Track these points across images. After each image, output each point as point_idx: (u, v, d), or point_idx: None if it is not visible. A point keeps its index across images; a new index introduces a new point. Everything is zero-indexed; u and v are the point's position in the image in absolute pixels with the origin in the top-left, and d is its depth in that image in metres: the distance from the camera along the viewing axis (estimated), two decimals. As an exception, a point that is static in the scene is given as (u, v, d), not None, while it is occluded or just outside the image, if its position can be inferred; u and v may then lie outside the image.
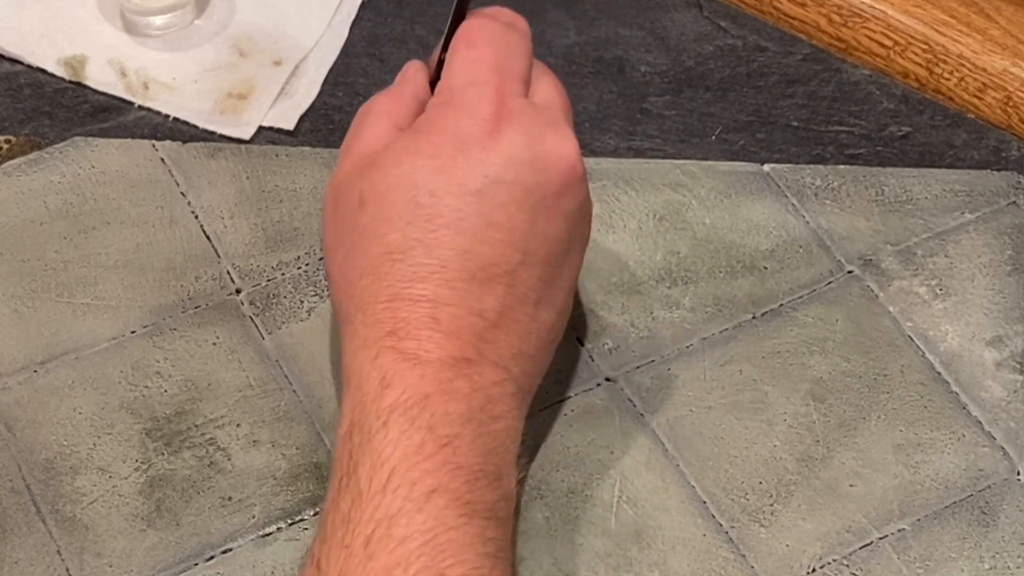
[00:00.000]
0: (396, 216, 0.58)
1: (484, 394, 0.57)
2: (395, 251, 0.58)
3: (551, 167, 0.59)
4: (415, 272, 0.57)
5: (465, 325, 0.57)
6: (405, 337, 0.56)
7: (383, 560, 0.52)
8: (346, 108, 0.76)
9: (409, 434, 0.54)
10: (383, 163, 0.59)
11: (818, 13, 0.79)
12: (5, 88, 0.76)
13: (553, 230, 0.59)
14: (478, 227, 0.58)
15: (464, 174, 0.58)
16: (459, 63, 0.60)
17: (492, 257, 0.58)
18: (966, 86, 0.76)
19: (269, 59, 0.77)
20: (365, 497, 0.53)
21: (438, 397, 0.55)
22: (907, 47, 0.77)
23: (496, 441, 0.57)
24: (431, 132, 0.59)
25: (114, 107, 0.75)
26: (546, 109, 0.61)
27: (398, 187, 0.58)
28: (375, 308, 0.57)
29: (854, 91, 0.78)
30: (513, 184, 0.58)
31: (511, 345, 0.58)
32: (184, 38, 0.78)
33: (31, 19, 0.78)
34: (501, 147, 0.58)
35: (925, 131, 0.76)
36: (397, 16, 0.80)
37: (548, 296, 0.60)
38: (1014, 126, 0.76)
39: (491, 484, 0.55)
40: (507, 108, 0.59)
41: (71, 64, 0.76)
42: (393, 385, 0.55)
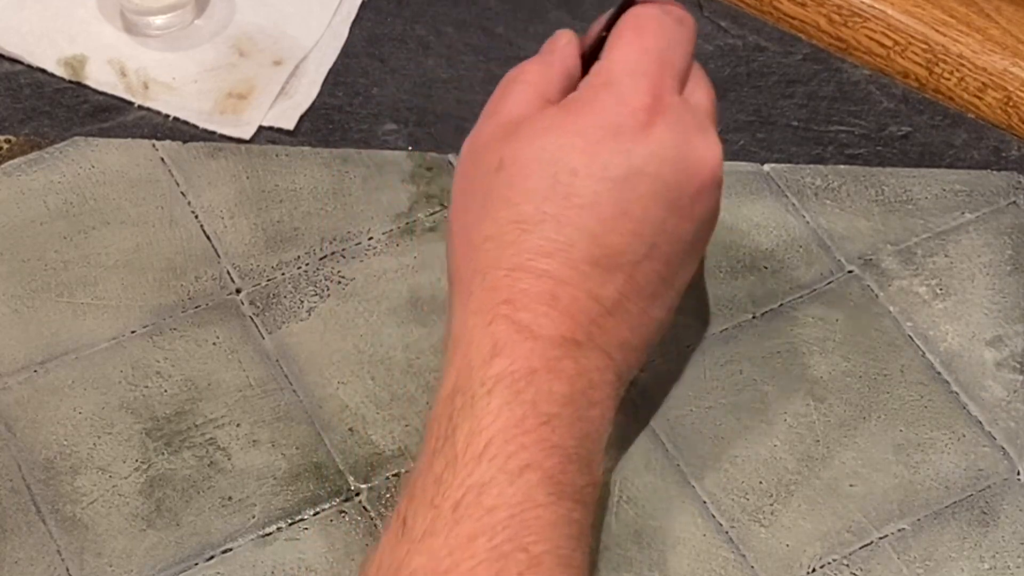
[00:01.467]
0: (533, 187, 0.58)
1: (587, 378, 0.57)
2: (526, 221, 0.58)
3: (693, 169, 0.59)
4: (542, 246, 0.57)
5: (581, 307, 0.57)
6: (521, 308, 0.56)
7: (469, 527, 0.52)
8: (346, 108, 0.76)
9: (512, 406, 0.55)
10: (529, 132, 0.59)
11: (818, 13, 0.79)
12: (5, 88, 0.76)
13: (681, 231, 0.60)
14: (612, 214, 0.58)
15: (608, 159, 0.58)
16: (624, 49, 0.60)
17: (619, 246, 0.58)
18: (966, 86, 0.76)
19: (269, 59, 0.77)
20: (460, 462, 0.54)
21: (544, 374, 0.56)
22: (907, 47, 0.77)
23: (592, 426, 0.57)
24: (583, 112, 0.59)
25: (114, 107, 0.75)
26: (698, 111, 0.61)
27: (540, 159, 0.58)
28: (496, 274, 0.57)
29: (854, 91, 0.78)
30: (655, 178, 0.59)
31: (620, 335, 0.59)
32: (184, 38, 0.78)
33: (31, 19, 0.78)
34: (650, 140, 0.59)
35: (925, 131, 0.76)
36: (397, 16, 0.80)
37: (663, 293, 0.60)
38: (1014, 126, 0.76)
39: (582, 468, 0.56)
40: (663, 103, 0.59)
41: (71, 64, 0.76)
42: (503, 354, 0.56)
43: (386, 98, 0.76)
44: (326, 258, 0.70)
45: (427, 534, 0.52)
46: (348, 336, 0.68)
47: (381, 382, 0.66)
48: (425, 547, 0.52)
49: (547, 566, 0.53)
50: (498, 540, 0.52)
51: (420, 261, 0.70)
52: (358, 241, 0.71)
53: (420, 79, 0.77)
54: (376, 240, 0.71)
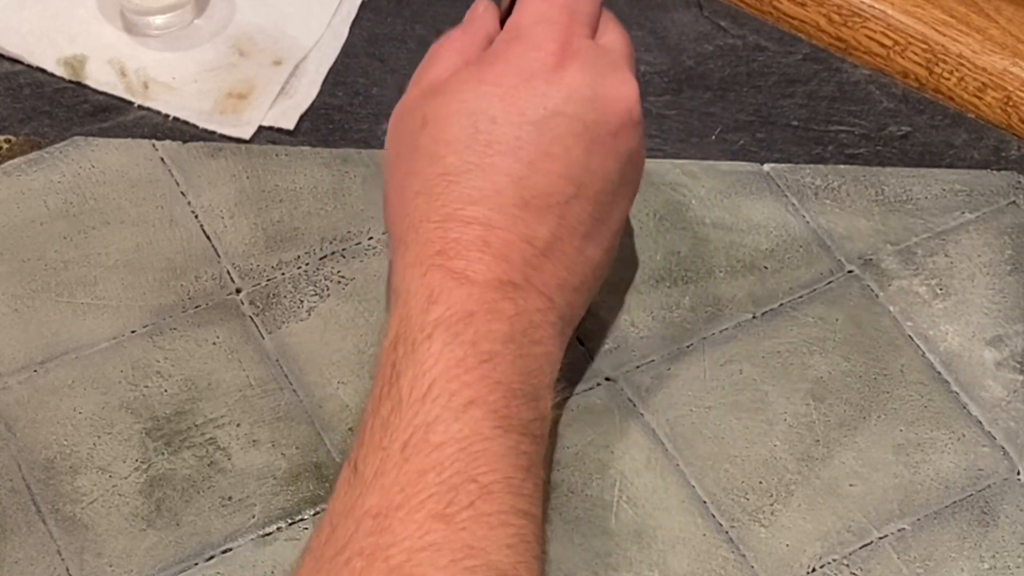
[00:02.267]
0: (455, 139, 0.60)
1: (527, 319, 0.58)
2: (451, 173, 0.59)
3: (610, 106, 0.61)
4: (469, 194, 0.59)
5: (514, 250, 0.59)
6: (454, 257, 0.58)
7: (418, 463, 0.53)
8: (346, 108, 0.76)
9: (452, 348, 0.56)
10: (448, 88, 0.61)
11: (818, 13, 0.79)
12: (5, 88, 0.76)
13: (606, 168, 0.61)
14: (535, 156, 0.59)
15: (525, 104, 0.60)
16: (532, 2, 0.62)
17: (546, 187, 0.59)
18: (966, 86, 0.76)
19: (269, 59, 0.77)
20: (405, 404, 0.55)
21: (482, 316, 0.57)
22: (907, 47, 0.77)
23: (535, 364, 0.58)
24: (496, 63, 0.61)
25: (114, 107, 0.75)
26: (610, 52, 0.63)
27: (460, 112, 0.60)
28: (427, 227, 0.59)
29: (854, 91, 0.78)
30: (572, 118, 0.60)
31: (557, 275, 0.60)
32: (184, 38, 0.78)
33: (31, 19, 0.78)
34: (564, 82, 0.60)
35: (925, 131, 0.76)
36: (397, 16, 0.80)
37: (596, 233, 0.61)
38: (1014, 126, 0.76)
39: (528, 403, 0.57)
40: (573, 46, 0.61)
41: (71, 64, 0.76)
42: (439, 301, 0.57)
43: (386, 98, 0.76)
44: (326, 258, 0.70)
45: (377, 475, 0.53)
46: (348, 336, 0.68)
47: (381, 382, 0.66)
48: (376, 487, 0.53)
49: (498, 494, 0.54)
50: (447, 473, 0.53)
51: (420, 261, 0.70)
52: (358, 241, 0.71)
53: (420, 79, 0.77)
54: (376, 240, 0.71)
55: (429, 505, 0.52)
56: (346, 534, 0.53)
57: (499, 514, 0.53)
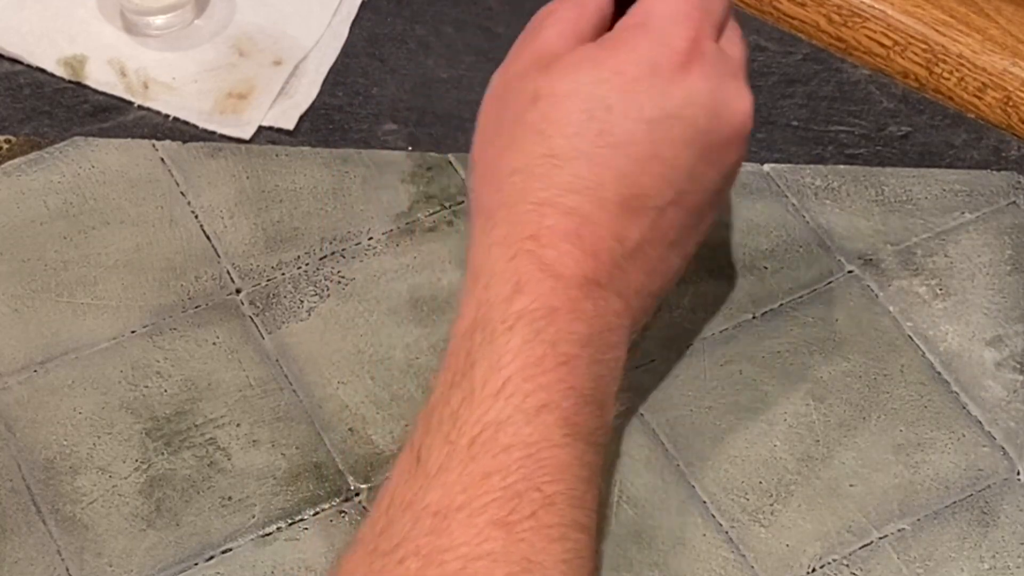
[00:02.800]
0: (567, 122, 0.58)
1: (605, 321, 0.57)
2: (557, 156, 0.57)
3: (726, 117, 0.60)
4: (571, 182, 0.57)
5: (604, 248, 0.57)
6: (547, 245, 0.56)
7: (484, 464, 0.52)
8: (346, 108, 0.76)
9: (532, 345, 0.54)
10: (566, 65, 0.59)
11: (818, 13, 0.79)
12: (5, 88, 0.76)
13: (708, 179, 0.60)
14: (644, 155, 0.58)
15: (644, 99, 0.58)
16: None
17: (648, 188, 0.58)
18: (966, 86, 0.76)
19: (269, 59, 0.77)
20: (477, 398, 0.54)
21: (565, 314, 0.55)
22: (907, 47, 0.77)
23: (607, 370, 0.57)
24: (621, 49, 0.59)
25: (114, 107, 0.75)
26: (733, 60, 0.61)
27: (576, 94, 0.58)
28: (522, 207, 0.57)
29: (854, 91, 0.78)
30: (688, 123, 0.59)
31: (638, 279, 0.59)
32: (184, 38, 0.78)
33: (31, 19, 0.78)
34: (687, 83, 0.59)
35: (925, 131, 0.76)
36: (397, 16, 0.80)
37: (682, 241, 0.61)
38: (1014, 126, 0.76)
39: (595, 411, 0.56)
40: (700, 48, 0.59)
41: (71, 64, 0.76)
42: (525, 292, 0.55)
43: (386, 98, 0.76)
44: (326, 258, 0.70)
45: (442, 469, 0.52)
46: (348, 336, 0.68)
47: (381, 382, 0.66)
48: (439, 482, 0.52)
49: (560, 506, 0.53)
50: (512, 479, 0.52)
51: (420, 261, 0.70)
52: (358, 241, 0.71)
53: (420, 79, 0.77)
54: (376, 240, 0.71)
55: (491, 510, 0.52)
56: (403, 530, 0.52)
57: (559, 527, 0.53)
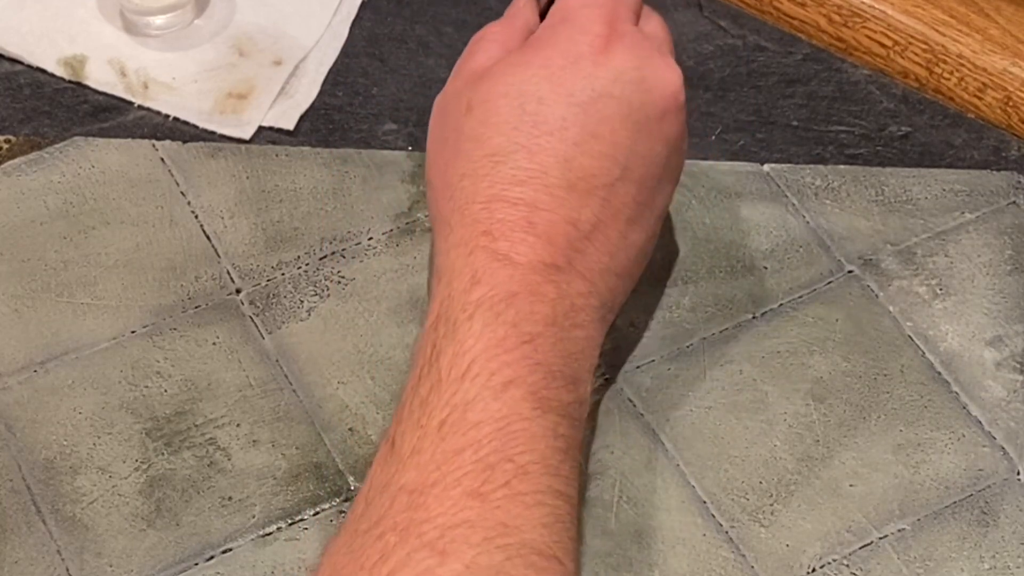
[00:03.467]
0: (502, 121, 0.60)
1: (569, 302, 0.58)
2: (497, 153, 0.60)
3: (656, 90, 0.61)
4: (515, 175, 0.59)
5: (559, 232, 0.59)
6: (499, 238, 0.58)
7: (455, 442, 0.54)
8: (346, 108, 0.76)
9: (493, 328, 0.56)
10: (494, 72, 0.62)
11: (818, 13, 0.79)
12: (5, 88, 0.76)
13: (652, 152, 0.61)
14: (581, 137, 0.60)
15: (572, 85, 0.60)
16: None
17: (592, 168, 0.60)
18: (966, 86, 0.76)
19: (269, 59, 0.77)
20: (444, 383, 0.55)
21: (525, 297, 0.57)
22: (907, 47, 0.77)
23: (576, 347, 0.58)
24: (544, 46, 0.62)
25: (114, 107, 0.75)
26: (654, 38, 0.63)
27: (507, 94, 0.60)
28: (473, 208, 0.59)
29: (854, 91, 0.78)
30: (619, 100, 0.60)
31: (600, 260, 0.60)
32: (184, 38, 0.78)
33: (31, 19, 0.78)
34: (611, 64, 0.61)
35: (925, 131, 0.76)
36: (397, 16, 0.80)
37: (640, 217, 0.62)
38: (1014, 126, 0.76)
39: (567, 385, 0.57)
40: (619, 30, 0.62)
41: (71, 64, 0.76)
42: (483, 282, 0.57)
43: (386, 98, 0.76)
44: (326, 258, 0.70)
45: (414, 452, 0.54)
46: (348, 336, 0.68)
47: (381, 382, 0.66)
48: (413, 463, 0.53)
49: (534, 474, 0.54)
50: (484, 452, 0.53)
51: (420, 261, 0.70)
52: (358, 241, 0.71)
53: (420, 79, 0.77)
54: (376, 240, 0.71)
55: (465, 483, 0.53)
56: (380, 510, 0.53)
57: (535, 494, 0.54)
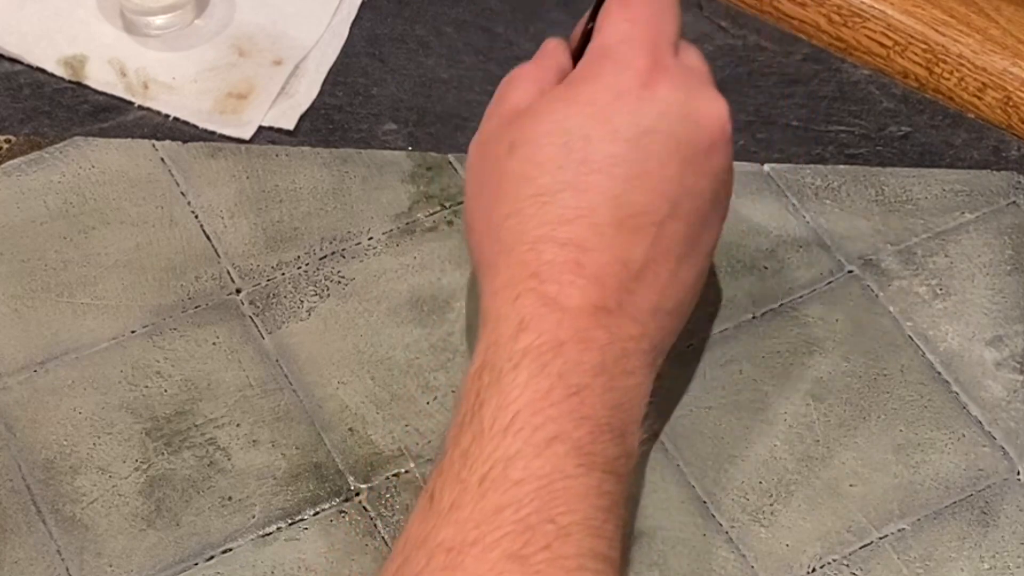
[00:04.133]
0: (547, 159, 0.58)
1: (619, 347, 0.57)
2: (544, 193, 0.58)
3: (703, 123, 0.60)
4: (563, 214, 0.57)
5: (609, 273, 0.57)
6: (547, 280, 0.56)
7: (495, 499, 0.52)
8: (346, 108, 0.76)
9: (539, 379, 0.54)
10: (535, 111, 0.60)
11: (818, 13, 0.79)
12: (5, 88, 0.76)
13: (700, 187, 0.60)
14: (630, 174, 0.58)
15: (618, 121, 0.59)
16: (613, 22, 0.61)
17: (642, 205, 0.58)
18: (966, 86, 0.76)
19: (269, 59, 0.77)
20: (486, 436, 0.53)
21: (573, 345, 0.55)
22: (907, 47, 0.77)
23: (625, 397, 0.56)
24: (585, 82, 0.60)
25: (114, 107, 0.75)
26: (696, 70, 0.62)
27: (551, 132, 0.59)
28: (519, 249, 0.57)
29: (854, 91, 0.78)
30: (667, 135, 0.59)
31: (650, 300, 0.58)
32: (184, 38, 0.78)
33: (31, 19, 0.78)
34: (656, 98, 0.59)
35: (925, 131, 0.76)
36: (397, 16, 0.80)
37: (690, 254, 0.60)
38: (1014, 126, 0.76)
39: (615, 439, 0.55)
40: (661, 63, 0.60)
41: (71, 64, 0.76)
42: (530, 328, 0.55)
43: (386, 98, 0.76)
44: (326, 258, 0.70)
45: (454, 507, 0.52)
46: (348, 336, 0.68)
47: (381, 382, 0.66)
48: (452, 520, 0.52)
49: (576, 537, 0.52)
50: (525, 512, 0.52)
51: (420, 261, 0.70)
52: (358, 241, 0.71)
53: (420, 79, 0.77)
54: (376, 240, 0.71)
55: (504, 544, 0.51)
56: (416, 567, 0.52)
57: (576, 557, 0.52)
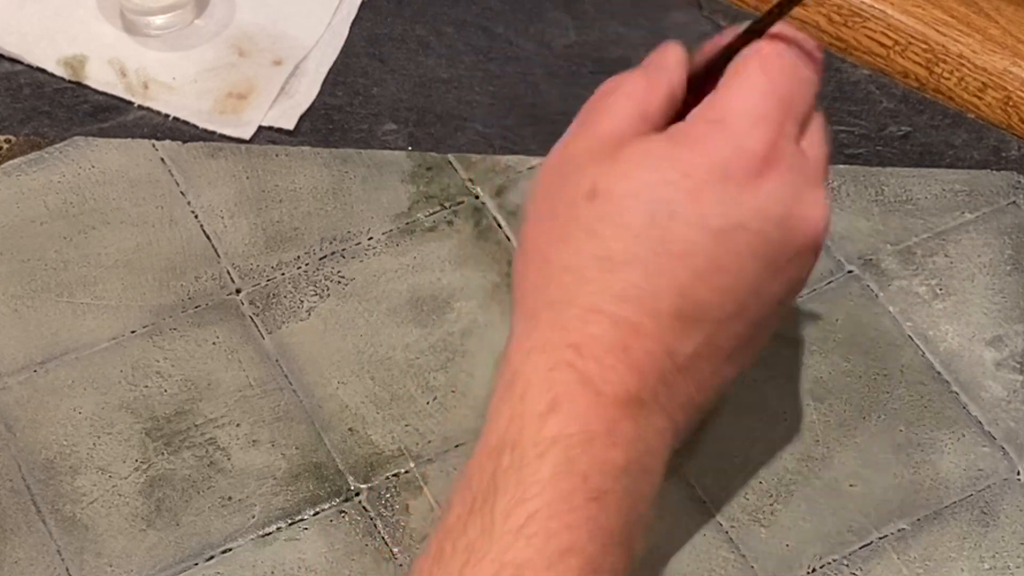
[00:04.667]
0: (626, 224, 0.53)
1: (645, 443, 0.53)
2: (612, 259, 0.53)
3: (798, 229, 0.55)
4: (625, 290, 0.53)
5: (654, 363, 0.53)
6: (589, 357, 0.52)
7: None
8: (346, 108, 0.76)
9: (562, 477, 0.51)
10: (628, 159, 0.54)
11: (818, 13, 0.79)
12: (5, 88, 0.76)
13: (773, 291, 0.56)
14: (706, 267, 0.53)
15: (712, 207, 0.53)
16: (744, 86, 0.55)
17: (708, 302, 0.54)
18: (966, 86, 0.76)
19: (269, 59, 0.77)
20: (497, 532, 0.50)
21: (602, 440, 0.51)
22: (907, 47, 0.77)
23: (641, 503, 0.53)
24: (692, 148, 0.54)
25: (114, 107, 0.75)
26: (812, 164, 0.56)
27: (638, 194, 0.54)
28: (569, 312, 0.53)
29: (854, 91, 0.78)
30: (757, 235, 0.54)
31: (686, 394, 0.55)
32: (184, 38, 0.78)
33: (31, 19, 0.78)
34: (759, 192, 0.54)
35: (925, 131, 0.76)
36: (397, 16, 0.80)
37: (740, 354, 0.56)
38: (1014, 126, 0.76)
39: (623, 553, 0.52)
40: (779, 153, 0.54)
41: (71, 64, 0.76)
42: (561, 411, 0.51)
43: (386, 98, 0.76)
44: (326, 258, 0.70)
45: None
46: (348, 336, 0.68)
47: (381, 382, 0.66)
48: None
49: None
50: None
51: (420, 261, 0.70)
52: (358, 241, 0.71)
53: (420, 79, 0.77)
54: (376, 240, 0.71)
55: None
56: None
57: None
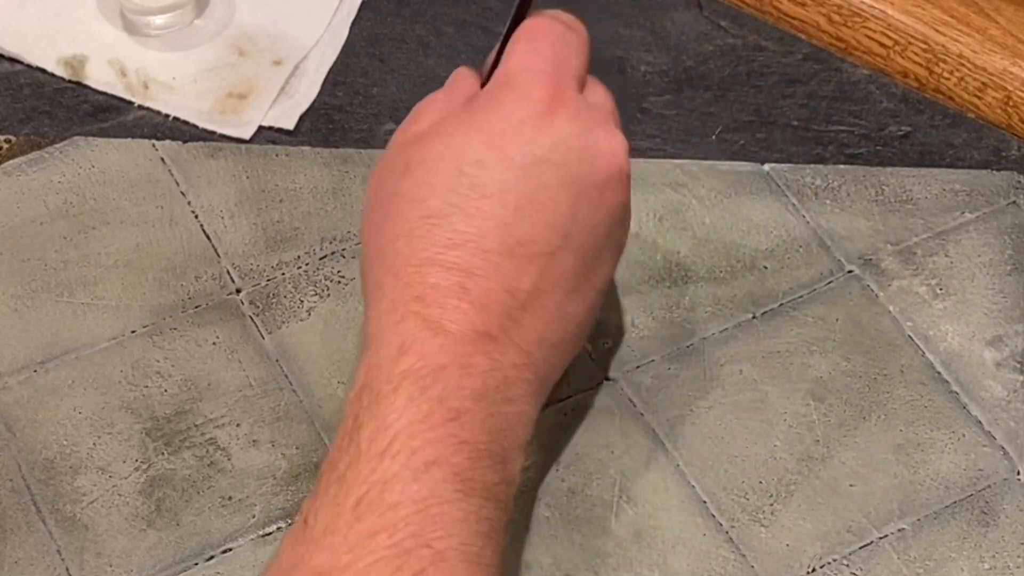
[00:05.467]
0: (439, 182, 0.58)
1: (502, 375, 0.56)
2: (434, 215, 0.57)
3: (599, 159, 0.59)
4: (451, 238, 0.57)
5: (494, 300, 0.57)
6: (431, 304, 0.56)
7: (370, 523, 0.51)
8: (346, 108, 0.76)
9: (418, 403, 0.54)
10: (432, 134, 0.60)
11: (818, 13, 0.79)
12: (5, 88, 0.76)
13: (593, 222, 0.59)
14: (521, 203, 0.58)
15: (513, 149, 0.58)
16: (518, 54, 0.61)
17: (532, 235, 0.58)
18: (966, 86, 0.76)
19: (269, 59, 0.77)
20: (363, 459, 0.53)
21: (454, 370, 0.55)
22: (907, 47, 0.77)
23: (506, 423, 0.56)
24: (484, 109, 0.60)
25: (114, 107, 0.75)
26: (598, 107, 0.61)
27: (445, 156, 0.58)
28: (406, 271, 0.57)
29: (854, 91, 0.78)
30: (560, 167, 0.58)
31: (536, 330, 0.58)
32: (184, 38, 0.78)
33: (31, 19, 0.78)
34: (552, 129, 0.59)
35: (925, 131, 0.76)
36: (397, 16, 0.80)
37: (580, 289, 0.60)
38: (1014, 126, 0.76)
39: (495, 465, 0.55)
40: (562, 96, 0.60)
41: (71, 64, 0.76)
42: (411, 351, 0.55)
43: (386, 98, 0.76)
44: (326, 258, 0.70)
45: (327, 531, 0.52)
46: (348, 336, 0.68)
47: (381, 382, 0.66)
48: (325, 544, 0.51)
49: (452, 562, 0.52)
50: (399, 536, 0.51)
51: (420, 261, 0.70)
52: (358, 241, 0.71)
53: (420, 79, 0.77)
54: (376, 240, 0.71)
55: (377, 569, 0.50)
56: None
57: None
